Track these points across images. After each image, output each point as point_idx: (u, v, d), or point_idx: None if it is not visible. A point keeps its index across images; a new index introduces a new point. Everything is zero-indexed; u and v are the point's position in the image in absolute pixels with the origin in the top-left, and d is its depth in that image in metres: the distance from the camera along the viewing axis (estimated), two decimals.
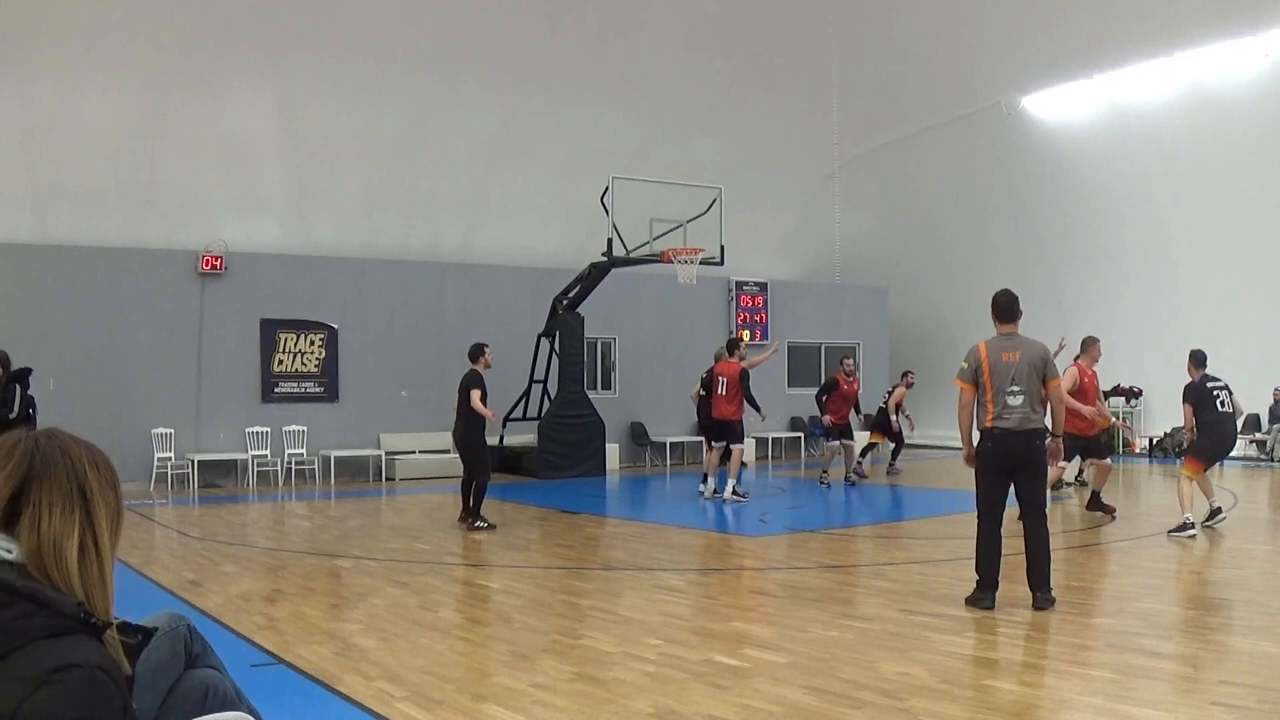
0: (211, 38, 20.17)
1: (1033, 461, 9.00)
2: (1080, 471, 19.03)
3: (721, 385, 17.55)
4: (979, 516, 9.16)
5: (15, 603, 2.07)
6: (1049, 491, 13.98)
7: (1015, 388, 8.89)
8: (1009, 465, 8.98)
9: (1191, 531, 12.88)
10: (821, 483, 19.65)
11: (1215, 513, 13.73)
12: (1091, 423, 14.82)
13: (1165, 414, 25.80)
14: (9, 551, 2.17)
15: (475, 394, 14.64)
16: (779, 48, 25.30)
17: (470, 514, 14.63)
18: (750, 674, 6.93)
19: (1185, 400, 13.57)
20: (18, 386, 14.46)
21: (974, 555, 9.15)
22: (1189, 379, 13.70)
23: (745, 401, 17.49)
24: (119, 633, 2.26)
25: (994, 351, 9.08)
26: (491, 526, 14.43)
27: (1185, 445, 14.26)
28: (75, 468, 2.30)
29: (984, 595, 8.93)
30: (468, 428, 14.84)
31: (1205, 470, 13.55)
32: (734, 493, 17.48)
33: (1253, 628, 8.06)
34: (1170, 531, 12.97)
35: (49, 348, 18.49)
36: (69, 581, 2.21)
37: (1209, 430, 13.40)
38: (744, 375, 17.55)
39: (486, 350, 15.18)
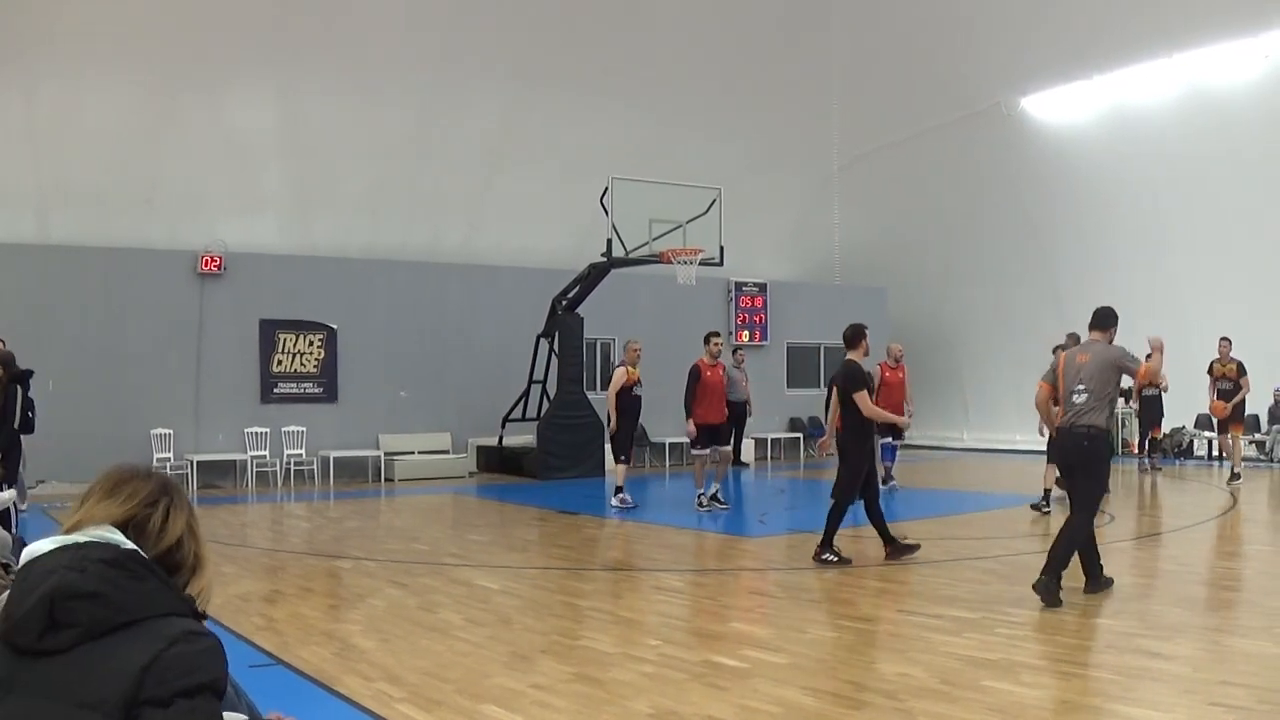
0: (214, 38, 20.17)
1: (1082, 458, 9.32)
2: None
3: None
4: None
5: (150, 577, 2.31)
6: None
7: (1080, 386, 9.36)
8: (1067, 461, 9.56)
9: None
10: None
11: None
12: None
13: (1165, 414, 25.79)
14: (121, 544, 2.37)
15: (862, 397, 11.50)
16: (780, 49, 25.30)
17: (823, 542, 11.57)
18: (749, 675, 6.93)
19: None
20: (18, 389, 14.45)
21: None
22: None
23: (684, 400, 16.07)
24: None
25: (1070, 355, 9.71)
26: (845, 560, 11.46)
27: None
28: (186, 496, 2.66)
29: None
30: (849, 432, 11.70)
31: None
32: (700, 502, 16.12)
33: (1252, 628, 8.06)
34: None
35: (49, 348, 18.43)
36: (189, 581, 2.53)
37: None
38: (691, 374, 16.18)
39: (866, 335, 11.99)
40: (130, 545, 2.37)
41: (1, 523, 9.43)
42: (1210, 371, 19.95)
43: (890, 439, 18.63)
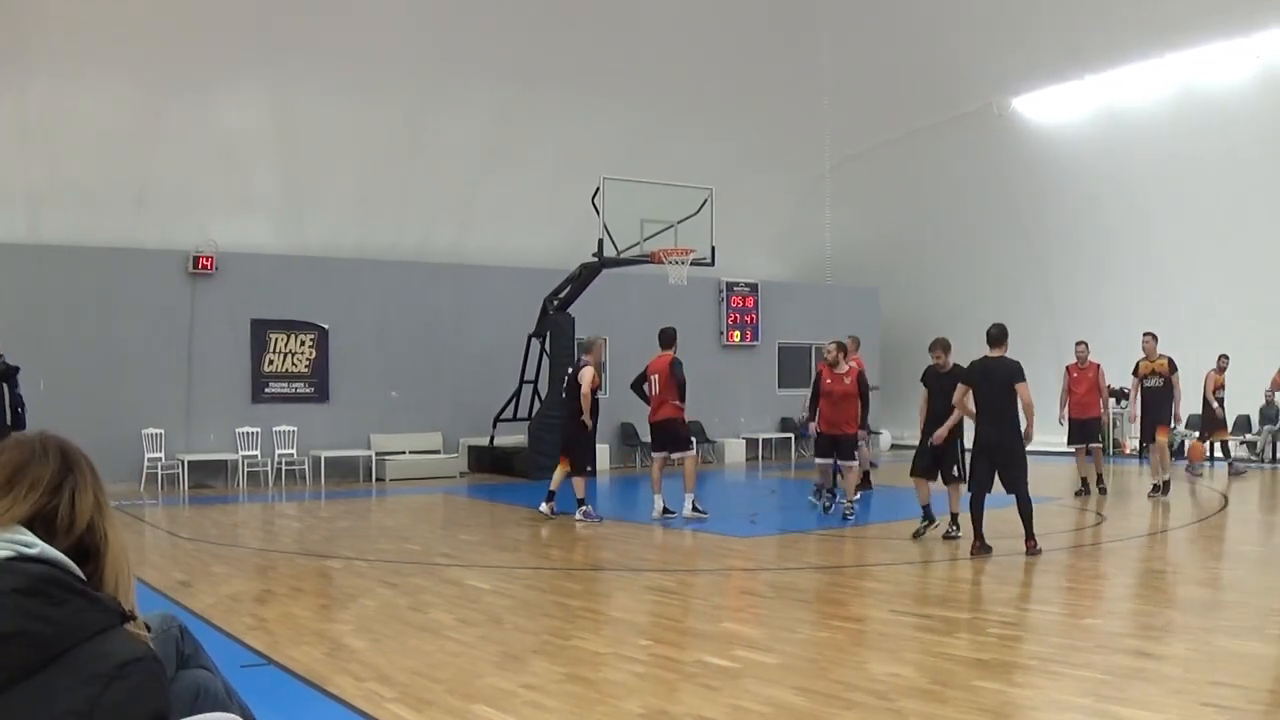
0: (205, 37, 20.11)
1: None
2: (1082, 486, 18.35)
3: (653, 383, 15.58)
4: None
5: (70, 599, 2.12)
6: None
7: None
8: None
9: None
10: (821, 506, 15.77)
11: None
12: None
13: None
14: (30, 547, 2.19)
15: (1025, 388, 11.89)
16: (771, 49, 25.28)
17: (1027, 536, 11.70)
18: (740, 675, 6.92)
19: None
20: (5, 385, 14.44)
21: None
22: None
23: (678, 397, 15.38)
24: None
25: None
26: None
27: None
28: (89, 461, 2.43)
29: None
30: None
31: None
32: (694, 509, 15.25)
33: (1243, 628, 8.07)
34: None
35: (40, 347, 18.42)
36: (100, 566, 2.31)
37: None
38: (676, 366, 15.40)
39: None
40: (41, 551, 2.18)
41: None
42: (1135, 371, 17.90)
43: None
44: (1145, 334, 17.82)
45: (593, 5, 23.05)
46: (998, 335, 12.12)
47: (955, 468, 13.01)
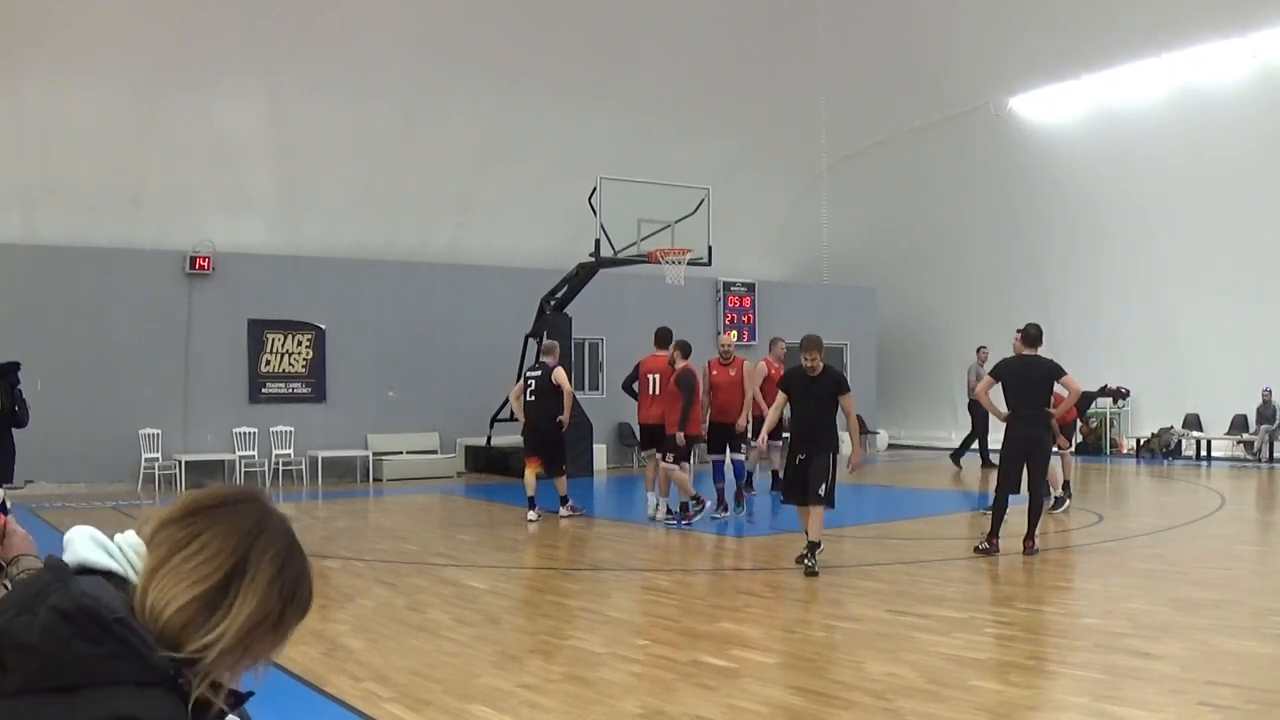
0: (201, 38, 20.11)
1: None
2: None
3: (652, 384, 15.20)
4: None
5: (107, 641, 1.93)
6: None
7: None
8: None
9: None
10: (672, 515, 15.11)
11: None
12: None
13: (1153, 414, 25.86)
14: (111, 559, 2.06)
15: (1072, 379, 12.51)
16: (767, 49, 25.30)
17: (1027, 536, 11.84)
18: (738, 674, 6.92)
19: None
20: (4, 382, 14.37)
21: None
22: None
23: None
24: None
25: None
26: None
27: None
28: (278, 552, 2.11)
29: None
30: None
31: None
32: (669, 511, 15.16)
33: (1240, 628, 8.07)
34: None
35: (37, 348, 18.34)
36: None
37: None
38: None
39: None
40: (116, 569, 2.04)
41: None
42: None
43: (727, 453, 16.09)
44: (1017, 330, 14.65)
45: (589, 5, 23.05)
46: (1037, 335, 12.32)
47: (823, 487, 10.92)
